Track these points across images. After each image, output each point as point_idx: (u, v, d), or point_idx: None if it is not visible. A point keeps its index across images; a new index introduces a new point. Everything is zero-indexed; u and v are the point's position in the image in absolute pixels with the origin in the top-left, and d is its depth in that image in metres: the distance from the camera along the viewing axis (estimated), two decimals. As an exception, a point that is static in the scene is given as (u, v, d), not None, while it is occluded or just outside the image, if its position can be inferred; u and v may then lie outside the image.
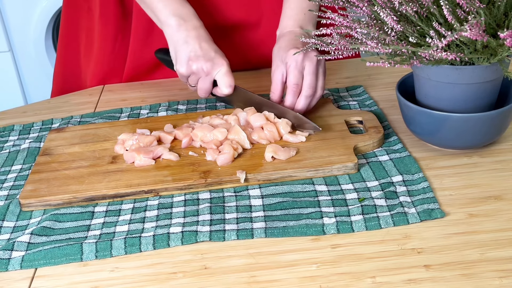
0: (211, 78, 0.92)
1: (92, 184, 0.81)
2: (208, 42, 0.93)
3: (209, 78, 0.92)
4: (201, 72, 0.92)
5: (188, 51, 0.92)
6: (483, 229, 0.69)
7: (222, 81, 0.92)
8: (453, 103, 0.79)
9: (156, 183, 0.80)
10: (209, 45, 0.93)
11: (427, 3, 0.71)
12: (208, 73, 0.91)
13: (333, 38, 0.79)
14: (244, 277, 0.65)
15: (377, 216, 0.71)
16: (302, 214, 0.73)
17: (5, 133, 1.01)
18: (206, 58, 0.91)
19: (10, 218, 0.78)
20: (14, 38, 2.22)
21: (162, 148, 0.86)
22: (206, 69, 0.91)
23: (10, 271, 0.69)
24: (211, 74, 0.92)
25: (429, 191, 0.75)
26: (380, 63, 0.73)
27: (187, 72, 0.93)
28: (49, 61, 2.25)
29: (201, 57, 0.91)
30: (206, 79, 0.92)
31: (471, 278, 0.62)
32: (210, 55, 0.92)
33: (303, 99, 0.91)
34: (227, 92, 0.92)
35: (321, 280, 0.63)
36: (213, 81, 0.93)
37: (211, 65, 0.91)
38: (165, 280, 0.66)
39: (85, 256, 0.70)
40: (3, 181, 0.87)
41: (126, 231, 0.73)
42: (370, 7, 0.76)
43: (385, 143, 0.87)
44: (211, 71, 0.91)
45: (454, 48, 0.73)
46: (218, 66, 0.91)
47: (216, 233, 0.71)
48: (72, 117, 1.04)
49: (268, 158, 0.82)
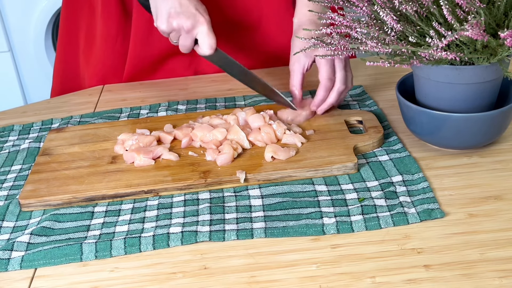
0: (192, 36, 0.91)
1: (91, 184, 0.81)
2: None
3: (190, 36, 0.91)
4: (182, 30, 0.90)
5: (168, 7, 0.89)
6: (483, 229, 0.69)
7: (203, 41, 0.90)
8: (453, 103, 0.79)
9: (156, 183, 0.80)
10: (189, 1, 0.90)
11: (427, 3, 0.71)
12: (189, 31, 0.90)
13: (332, 38, 0.79)
14: (244, 277, 0.65)
15: (377, 216, 0.71)
16: (302, 214, 0.73)
17: (4, 133, 1.01)
18: (187, 15, 0.89)
19: (9, 218, 0.78)
20: (13, 38, 2.22)
21: (162, 148, 0.86)
22: (186, 27, 0.89)
23: (10, 271, 0.69)
24: (192, 33, 0.90)
25: (429, 191, 0.75)
26: (380, 62, 0.73)
27: (168, 29, 0.91)
28: (49, 61, 2.24)
29: (182, 13, 0.89)
30: (188, 36, 0.91)
31: (471, 278, 0.62)
32: (190, 11, 0.89)
33: (336, 94, 0.91)
34: (208, 54, 0.91)
35: (321, 280, 0.63)
36: (194, 39, 0.91)
37: (192, 23, 0.89)
38: (165, 280, 0.66)
39: (85, 256, 0.70)
40: (3, 181, 0.87)
41: (126, 231, 0.73)
42: (370, 7, 0.76)
43: (385, 143, 0.87)
44: (192, 29, 0.90)
45: (454, 48, 0.73)
46: (199, 23, 0.89)
47: (216, 233, 0.71)
48: (71, 117, 1.04)
49: (268, 158, 0.82)
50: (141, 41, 1.12)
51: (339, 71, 0.91)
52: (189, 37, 0.91)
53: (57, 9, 2.14)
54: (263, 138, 0.86)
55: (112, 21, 1.13)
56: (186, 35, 0.91)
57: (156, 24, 0.92)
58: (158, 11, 0.91)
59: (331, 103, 0.92)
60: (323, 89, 0.91)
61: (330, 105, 0.92)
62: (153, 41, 1.11)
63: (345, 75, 0.91)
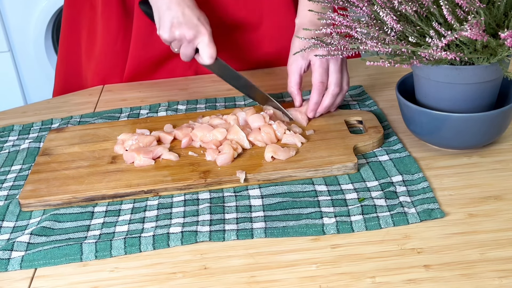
0: (194, 46, 0.93)
1: (91, 184, 0.81)
2: (191, 8, 0.92)
3: (191, 46, 0.93)
4: (184, 40, 0.92)
5: (171, 17, 0.91)
6: (483, 229, 0.69)
7: (204, 51, 0.93)
8: (453, 103, 0.79)
9: (156, 183, 0.80)
10: (192, 11, 0.92)
11: (426, 3, 0.71)
12: (190, 41, 0.92)
13: (332, 38, 0.79)
14: (244, 277, 0.65)
15: (377, 216, 0.71)
16: (302, 214, 0.73)
17: (4, 133, 1.01)
18: (189, 25, 0.91)
19: (9, 218, 0.78)
20: (13, 38, 2.22)
21: (161, 148, 0.86)
22: (188, 37, 0.91)
23: (10, 271, 0.69)
24: (193, 43, 0.92)
25: (429, 191, 0.75)
26: (380, 62, 0.73)
27: (170, 38, 0.93)
28: (49, 61, 2.24)
29: (184, 24, 0.91)
30: (189, 46, 0.93)
31: (471, 278, 0.62)
32: (193, 22, 0.91)
33: (330, 97, 0.91)
34: (208, 63, 0.93)
35: (321, 280, 0.63)
36: (195, 48, 0.93)
37: (194, 34, 0.91)
38: (165, 280, 0.65)
39: (85, 256, 0.70)
40: (3, 181, 0.87)
41: (125, 231, 0.73)
42: (370, 7, 0.76)
43: (385, 143, 0.87)
44: (194, 39, 0.92)
45: (454, 48, 0.73)
46: (200, 34, 0.92)
47: (216, 233, 0.71)
48: (71, 117, 1.04)
49: (267, 158, 0.82)
50: (142, 41, 1.12)
51: (333, 73, 0.90)
52: (190, 46, 0.93)
53: (57, 9, 2.14)
54: (263, 138, 0.86)
55: (112, 21, 1.13)
56: (188, 45, 0.93)
57: (159, 33, 0.94)
58: (161, 20, 0.92)
59: (327, 106, 0.92)
60: (316, 92, 0.91)
61: (326, 109, 0.92)
62: (153, 42, 1.11)
63: (339, 77, 0.91)
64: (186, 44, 0.93)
